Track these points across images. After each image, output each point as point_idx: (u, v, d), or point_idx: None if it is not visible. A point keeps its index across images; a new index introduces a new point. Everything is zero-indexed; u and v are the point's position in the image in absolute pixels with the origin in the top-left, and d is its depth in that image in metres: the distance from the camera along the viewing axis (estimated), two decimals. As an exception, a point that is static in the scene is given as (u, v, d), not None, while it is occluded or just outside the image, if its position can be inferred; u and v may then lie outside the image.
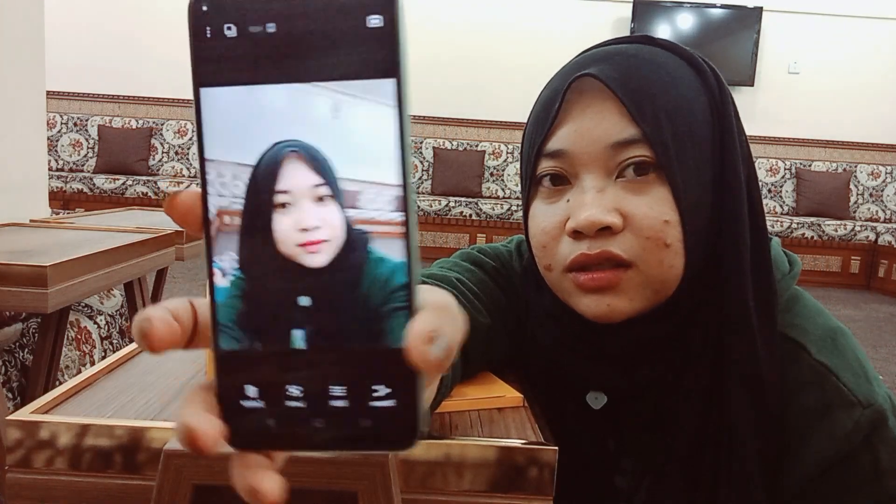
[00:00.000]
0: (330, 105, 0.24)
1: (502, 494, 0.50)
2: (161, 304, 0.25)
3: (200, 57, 0.24)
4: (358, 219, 0.24)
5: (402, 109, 0.24)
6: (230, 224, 0.25)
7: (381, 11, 0.23)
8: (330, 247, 0.25)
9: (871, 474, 0.54)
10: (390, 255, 0.24)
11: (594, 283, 0.54)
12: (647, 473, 0.61)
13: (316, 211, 0.25)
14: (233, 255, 0.25)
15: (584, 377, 0.63)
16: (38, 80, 2.21)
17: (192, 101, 0.24)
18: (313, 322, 0.24)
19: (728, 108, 0.57)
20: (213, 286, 0.25)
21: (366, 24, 0.23)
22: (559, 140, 0.56)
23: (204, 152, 0.25)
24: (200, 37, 0.24)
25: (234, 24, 0.24)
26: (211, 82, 0.24)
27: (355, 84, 0.23)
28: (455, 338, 0.23)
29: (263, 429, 0.25)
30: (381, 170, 0.24)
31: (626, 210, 0.53)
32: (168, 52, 5.61)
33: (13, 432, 0.48)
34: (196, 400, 0.25)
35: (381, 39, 0.23)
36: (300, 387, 0.24)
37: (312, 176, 0.24)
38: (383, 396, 0.24)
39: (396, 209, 0.24)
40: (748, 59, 5.63)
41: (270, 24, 0.24)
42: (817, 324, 0.58)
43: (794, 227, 5.28)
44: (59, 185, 5.09)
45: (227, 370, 0.25)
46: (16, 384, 1.43)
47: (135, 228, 1.65)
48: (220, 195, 0.25)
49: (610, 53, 0.57)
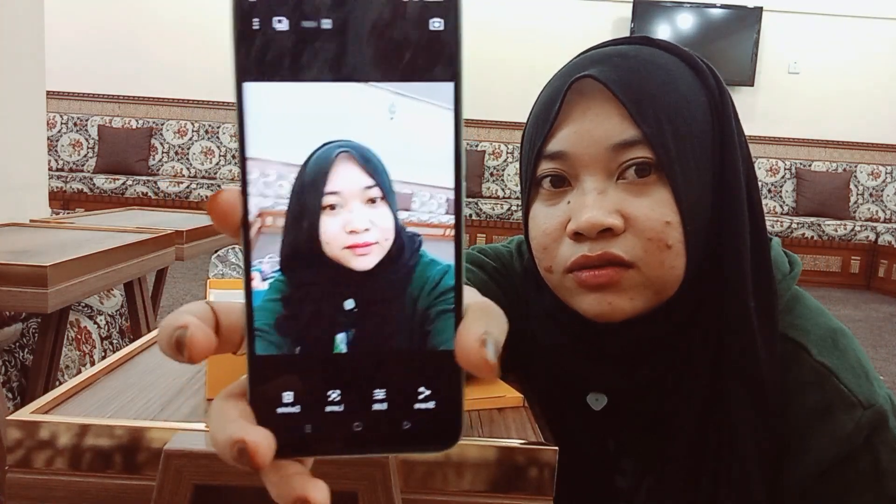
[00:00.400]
0: (386, 106, 0.23)
1: (502, 494, 0.49)
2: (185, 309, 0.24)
3: (245, 49, 0.23)
4: (410, 221, 0.24)
5: (458, 113, 0.23)
6: (272, 225, 0.24)
7: (444, 15, 0.23)
8: (379, 249, 0.24)
9: (872, 475, 0.54)
10: (440, 257, 0.24)
11: (596, 279, 0.54)
12: (648, 474, 0.61)
13: (366, 213, 0.24)
14: (273, 257, 0.24)
15: (585, 378, 0.63)
16: (38, 80, 2.21)
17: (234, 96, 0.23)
18: (358, 325, 0.24)
19: (728, 108, 0.57)
20: (251, 290, 0.24)
21: (427, 27, 0.23)
22: (559, 141, 0.56)
23: (245, 151, 0.23)
24: (246, 28, 0.23)
25: (286, 17, 0.23)
26: (256, 77, 0.23)
27: (413, 86, 0.23)
28: (502, 338, 0.23)
29: (300, 435, 0.24)
30: (435, 172, 0.24)
31: (627, 212, 0.53)
32: (168, 53, 5.61)
33: (13, 432, 0.48)
34: (232, 409, 0.24)
35: (441, 43, 0.23)
36: (341, 391, 0.24)
37: (364, 177, 0.24)
38: (426, 398, 0.24)
39: (448, 211, 0.24)
40: (748, 59, 5.63)
41: (326, 20, 0.23)
42: (818, 324, 0.58)
43: (794, 227, 5.28)
44: (59, 185, 5.09)
45: (264, 376, 0.24)
46: (16, 384, 1.43)
47: (135, 228, 1.65)
48: (262, 195, 0.24)
49: (609, 54, 0.57)
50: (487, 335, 0.23)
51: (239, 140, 0.24)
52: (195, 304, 0.25)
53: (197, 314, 0.24)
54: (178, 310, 0.25)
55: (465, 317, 0.24)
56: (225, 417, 0.23)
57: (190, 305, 0.25)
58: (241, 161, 0.24)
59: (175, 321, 0.23)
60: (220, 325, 0.25)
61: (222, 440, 0.23)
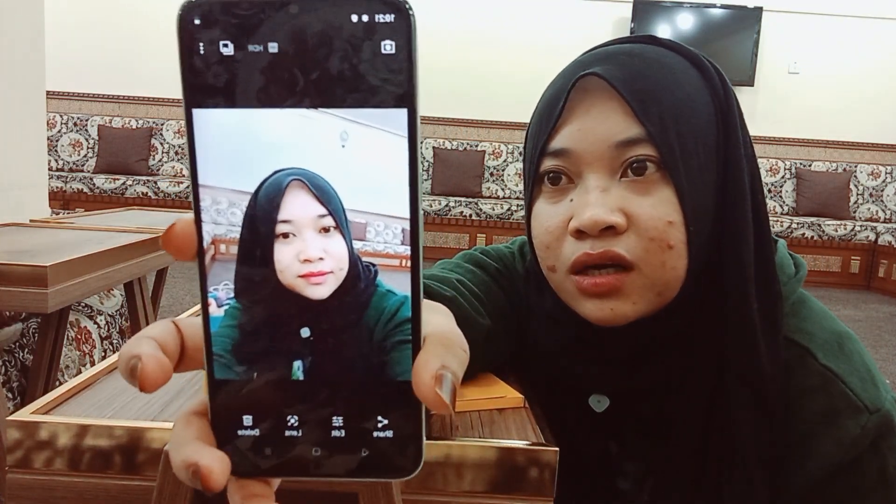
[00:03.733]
0: (337, 133, 0.23)
1: (503, 495, 0.49)
2: (147, 332, 0.24)
3: (192, 75, 0.22)
4: (364, 251, 0.24)
5: (413, 140, 0.22)
6: (226, 253, 0.24)
7: (395, 37, 0.22)
8: (334, 279, 0.24)
9: (878, 480, 0.53)
10: (396, 288, 0.24)
11: (597, 288, 0.53)
12: (650, 476, 0.61)
13: (320, 242, 0.24)
14: (228, 284, 0.24)
15: (587, 380, 0.62)
16: (38, 80, 2.21)
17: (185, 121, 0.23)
18: (314, 354, 0.24)
19: (732, 108, 0.56)
20: (208, 315, 0.24)
21: (379, 50, 0.22)
22: (563, 139, 0.56)
23: (197, 178, 0.23)
24: (192, 53, 0.22)
25: (231, 42, 0.22)
26: (205, 103, 0.23)
27: (365, 112, 0.22)
28: (460, 371, 0.23)
29: (261, 456, 0.24)
30: (390, 202, 0.23)
31: (630, 210, 0.53)
32: (168, 53, 5.60)
33: (13, 433, 0.48)
34: (191, 429, 0.24)
35: (394, 67, 0.22)
36: (298, 417, 0.24)
37: (316, 206, 0.23)
38: (384, 427, 0.24)
39: (404, 242, 0.23)
40: (748, 59, 5.63)
41: (272, 43, 0.22)
42: (823, 328, 0.58)
43: (794, 227, 5.28)
44: (59, 185, 5.09)
45: (223, 399, 0.24)
46: (16, 384, 1.43)
47: (135, 228, 1.65)
48: (215, 223, 0.24)
49: (614, 53, 0.56)
50: (444, 370, 0.22)
51: (190, 167, 0.23)
52: (159, 325, 0.25)
53: (159, 337, 0.24)
54: (141, 332, 0.25)
55: (423, 348, 0.23)
56: (183, 437, 0.24)
57: (154, 326, 0.25)
58: (194, 188, 0.23)
59: (132, 349, 0.23)
60: (186, 345, 0.25)
61: (178, 462, 0.23)
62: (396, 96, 0.22)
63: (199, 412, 0.25)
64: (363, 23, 0.22)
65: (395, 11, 0.22)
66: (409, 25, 0.22)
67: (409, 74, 0.22)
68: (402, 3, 0.22)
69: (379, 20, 0.22)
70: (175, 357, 0.25)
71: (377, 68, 0.22)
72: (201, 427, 0.24)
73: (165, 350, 0.24)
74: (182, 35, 0.22)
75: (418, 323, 0.24)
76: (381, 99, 0.22)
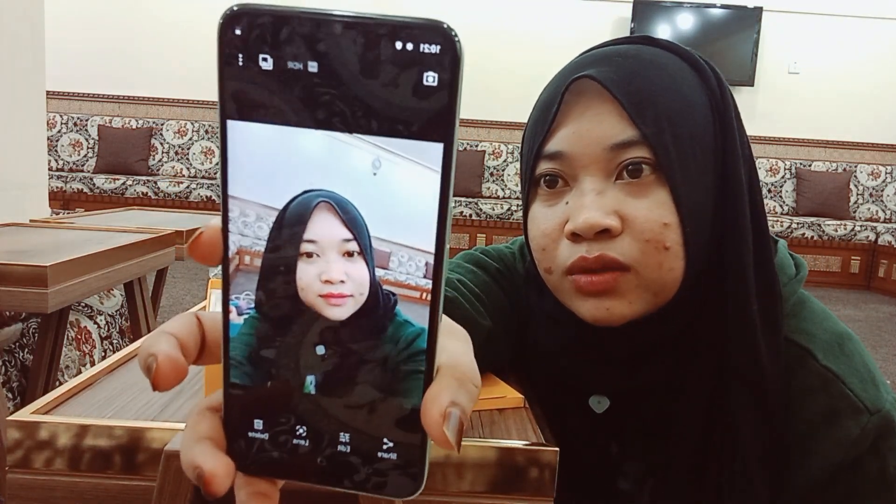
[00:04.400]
0: (370, 160, 0.22)
1: (503, 495, 0.49)
2: (168, 327, 0.25)
3: (229, 86, 0.22)
4: (386, 279, 0.24)
5: (446, 176, 0.22)
6: (250, 264, 0.24)
7: (440, 70, 0.21)
8: (353, 302, 0.24)
9: (878, 481, 0.53)
10: (415, 319, 0.23)
11: (593, 286, 0.53)
12: (650, 476, 0.61)
13: (342, 265, 0.24)
14: (250, 294, 0.24)
15: (587, 380, 0.62)
16: (38, 80, 2.21)
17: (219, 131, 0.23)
18: (327, 371, 0.24)
19: (729, 109, 0.56)
20: (228, 322, 0.24)
21: (422, 81, 0.21)
22: (558, 142, 0.55)
23: (227, 188, 0.23)
24: (231, 64, 0.22)
25: (271, 56, 0.22)
26: (239, 116, 0.22)
27: (400, 143, 0.22)
28: (469, 407, 0.23)
29: (267, 459, 0.25)
30: (416, 234, 0.23)
31: (625, 213, 0.53)
32: (168, 53, 5.61)
33: (13, 433, 0.48)
34: (203, 426, 0.25)
35: (435, 100, 0.21)
36: (307, 428, 0.24)
37: (342, 230, 0.23)
38: (388, 449, 0.24)
39: (426, 276, 0.23)
40: (748, 59, 5.63)
41: (313, 62, 0.22)
42: (824, 329, 0.58)
43: (794, 227, 5.28)
44: (59, 185, 5.09)
45: (236, 402, 0.25)
46: (16, 384, 1.43)
47: (135, 228, 1.65)
48: (241, 234, 0.24)
49: (609, 54, 0.56)
50: (453, 407, 0.23)
51: (221, 177, 0.23)
52: (181, 319, 0.26)
53: (180, 333, 0.25)
54: (163, 326, 0.25)
55: (436, 380, 0.23)
56: (195, 433, 0.24)
57: (176, 319, 0.25)
58: (224, 198, 0.23)
59: (150, 346, 0.24)
60: (207, 340, 0.26)
61: (185, 460, 0.24)
62: (434, 130, 0.22)
63: (214, 408, 0.26)
64: (408, 51, 0.21)
65: (442, 43, 0.21)
66: (455, 60, 0.21)
67: (450, 109, 0.21)
68: (452, 36, 0.21)
69: (425, 50, 0.21)
70: (194, 352, 0.25)
71: (418, 99, 0.21)
72: (213, 424, 0.25)
73: (185, 346, 0.25)
74: (221, 44, 0.22)
75: (433, 356, 0.24)
76: (418, 131, 0.22)
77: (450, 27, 0.21)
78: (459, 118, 0.22)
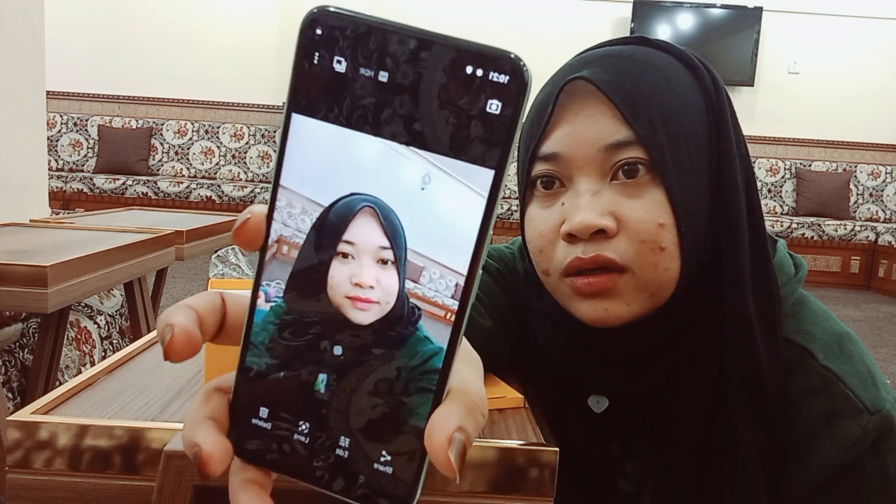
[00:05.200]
0: (420, 174, 0.23)
1: (502, 495, 0.49)
2: (190, 301, 0.25)
3: (301, 82, 0.23)
4: (414, 293, 0.24)
5: (492, 203, 0.22)
6: (286, 255, 0.25)
7: (505, 100, 0.22)
8: (378, 309, 0.24)
9: (879, 482, 0.53)
10: (435, 337, 0.24)
11: (590, 287, 0.53)
12: (651, 477, 0.61)
13: (375, 271, 0.24)
14: (280, 283, 0.25)
15: (586, 381, 0.62)
16: (38, 80, 2.21)
17: (282, 122, 0.24)
18: (339, 373, 0.24)
19: (725, 109, 0.56)
20: (255, 305, 0.25)
21: (485, 107, 0.22)
22: (553, 143, 0.55)
23: (280, 178, 0.24)
24: (306, 61, 0.23)
25: (345, 60, 0.23)
26: (305, 111, 0.23)
27: (453, 163, 0.22)
28: (474, 435, 0.23)
29: (266, 449, 0.25)
30: (452, 255, 0.23)
31: (621, 213, 0.53)
32: (168, 53, 5.61)
33: (13, 433, 0.48)
34: (209, 406, 0.25)
35: (495, 127, 0.22)
36: (310, 426, 0.25)
37: (381, 237, 0.24)
38: (386, 462, 0.24)
39: (454, 296, 0.23)
40: (748, 59, 5.63)
41: (384, 72, 0.22)
42: (824, 329, 0.57)
43: (794, 227, 5.28)
44: (59, 185, 5.09)
45: (246, 386, 0.25)
46: (16, 384, 1.43)
47: (135, 228, 1.65)
48: (284, 224, 0.24)
49: (603, 55, 0.56)
50: (459, 433, 0.22)
51: (276, 166, 0.24)
52: (205, 296, 0.26)
53: (201, 308, 0.25)
54: (186, 300, 0.26)
55: (444, 403, 0.23)
56: (201, 412, 0.25)
57: (200, 296, 0.26)
58: (274, 186, 0.24)
59: (169, 316, 0.24)
60: (227, 320, 0.26)
61: (186, 437, 0.24)
62: (488, 156, 0.22)
63: (223, 389, 0.26)
64: (477, 77, 0.22)
65: (511, 74, 0.22)
66: (521, 93, 0.22)
67: (508, 139, 0.22)
68: (522, 67, 0.22)
69: (493, 78, 0.22)
70: (213, 330, 0.26)
71: (478, 124, 0.22)
72: (219, 405, 0.25)
73: (204, 322, 0.25)
74: (301, 41, 0.23)
75: (446, 377, 0.24)
76: (473, 154, 0.22)
77: (520, 59, 0.22)
78: (516, 149, 0.22)
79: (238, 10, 5.57)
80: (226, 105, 5.70)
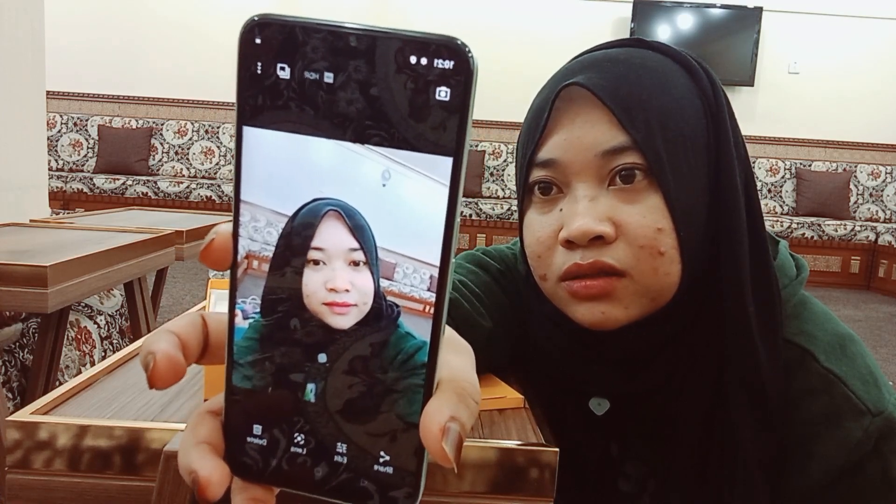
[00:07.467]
0: (379, 171, 0.23)
1: (503, 496, 0.49)
2: (172, 326, 0.25)
3: (247, 93, 0.23)
4: (390, 290, 0.24)
5: (454, 190, 0.22)
6: (258, 269, 0.24)
7: (453, 85, 0.22)
8: (357, 311, 0.24)
9: (881, 483, 0.53)
10: (417, 332, 0.24)
11: (587, 290, 0.53)
12: (651, 478, 0.61)
13: (348, 274, 0.24)
14: (256, 299, 0.24)
15: (587, 382, 0.62)
16: (38, 80, 2.21)
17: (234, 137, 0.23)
18: (327, 379, 0.24)
19: (723, 111, 0.56)
20: (233, 325, 0.25)
21: (434, 96, 0.22)
22: (550, 149, 0.55)
23: (240, 193, 0.24)
24: (249, 70, 0.23)
25: (289, 66, 0.22)
26: (255, 122, 0.23)
27: (410, 155, 0.22)
28: (469, 423, 0.23)
29: (265, 465, 0.25)
30: (422, 247, 0.23)
31: (619, 219, 0.53)
32: (168, 53, 5.61)
33: (13, 433, 0.48)
34: (202, 429, 0.25)
35: (446, 115, 0.22)
36: (305, 437, 0.24)
37: (350, 239, 0.24)
38: (385, 462, 0.24)
39: (430, 288, 0.23)
40: (748, 60, 5.63)
41: (329, 73, 0.22)
42: (826, 330, 0.57)
43: (794, 227, 5.28)
44: (59, 185, 5.09)
45: (237, 407, 0.25)
46: (16, 384, 1.43)
47: (135, 228, 1.65)
48: (251, 239, 0.24)
49: (599, 59, 0.56)
50: (452, 422, 0.22)
51: (234, 182, 0.24)
52: (186, 318, 0.26)
53: (182, 332, 0.25)
54: (167, 324, 0.25)
55: (436, 394, 0.23)
56: (194, 436, 0.25)
57: (181, 318, 0.26)
58: (236, 203, 0.24)
59: (151, 344, 0.24)
60: (210, 340, 0.26)
61: (182, 463, 0.24)
62: (443, 144, 0.22)
63: (215, 411, 0.26)
64: (422, 65, 0.22)
65: (456, 59, 0.22)
66: (468, 77, 0.22)
67: (461, 125, 0.22)
68: (466, 52, 0.22)
69: (438, 65, 0.22)
70: (196, 352, 0.25)
71: (429, 113, 0.22)
72: (212, 428, 0.25)
73: (186, 345, 0.25)
74: (242, 52, 0.23)
75: (433, 370, 0.24)
76: (428, 145, 0.22)
77: (464, 44, 0.22)
78: (470, 134, 0.22)
79: (238, 10, 5.57)
80: (226, 105, 5.70)
